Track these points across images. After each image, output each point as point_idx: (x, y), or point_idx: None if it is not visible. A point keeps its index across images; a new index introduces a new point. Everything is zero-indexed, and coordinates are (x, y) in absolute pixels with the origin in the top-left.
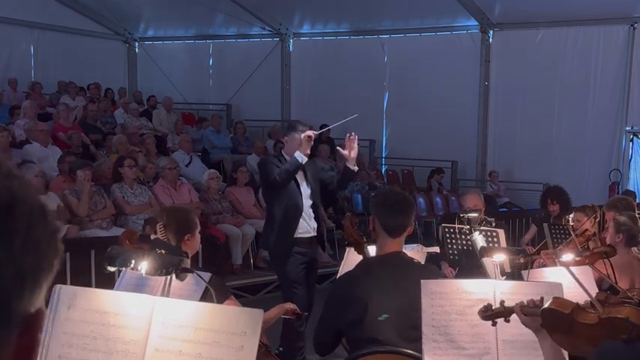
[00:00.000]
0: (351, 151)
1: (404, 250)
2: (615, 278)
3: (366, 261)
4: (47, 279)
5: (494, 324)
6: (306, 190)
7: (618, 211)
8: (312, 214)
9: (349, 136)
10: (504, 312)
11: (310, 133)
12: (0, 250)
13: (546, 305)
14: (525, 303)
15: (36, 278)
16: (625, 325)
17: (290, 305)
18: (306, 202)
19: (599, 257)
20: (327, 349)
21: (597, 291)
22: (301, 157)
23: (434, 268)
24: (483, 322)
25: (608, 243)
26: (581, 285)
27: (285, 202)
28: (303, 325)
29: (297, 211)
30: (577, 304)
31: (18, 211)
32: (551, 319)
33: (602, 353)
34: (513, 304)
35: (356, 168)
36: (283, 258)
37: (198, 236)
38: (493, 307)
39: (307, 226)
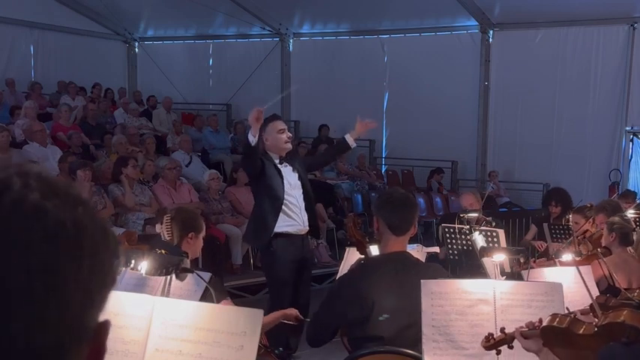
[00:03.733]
0: (361, 130)
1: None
2: (613, 278)
3: (370, 260)
4: (110, 291)
5: (498, 352)
6: (291, 183)
7: (607, 213)
8: (302, 209)
9: (367, 122)
10: (506, 339)
11: (255, 113)
12: (70, 278)
13: (544, 323)
14: (524, 326)
15: (102, 295)
16: (622, 328)
17: (292, 311)
18: (293, 196)
19: (595, 259)
20: (320, 342)
21: (597, 292)
22: (252, 138)
23: (438, 267)
24: (483, 322)
25: (603, 244)
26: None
27: (266, 195)
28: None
29: (278, 203)
30: (573, 316)
31: (83, 239)
32: (551, 337)
33: (602, 357)
34: (513, 330)
35: (354, 144)
36: (266, 254)
37: (201, 241)
38: (495, 336)
39: (294, 222)
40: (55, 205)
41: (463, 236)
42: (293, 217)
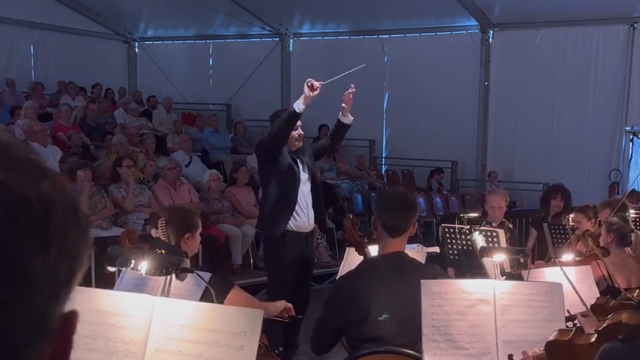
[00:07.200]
0: (348, 104)
1: (405, 251)
2: (612, 279)
3: (368, 260)
4: (80, 275)
5: None
6: (301, 178)
7: (613, 209)
8: (309, 206)
9: (349, 90)
10: None
11: (312, 80)
12: (37, 265)
13: (550, 338)
14: (530, 355)
15: (71, 281)
16: (619, 328)
17: (287, 305)
18: (302, 191)
19: (593, 259)
20: (324, 348)
21: (597, 293)
22: (299, 105)
23: (436, 267)
24: (483, 322)
25: (601, 244)
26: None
27: (281, 181)
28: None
29: (294, 192)
30: (575, 329)
31: (52, 220)
32: (555, 352)
33: (602, 354)
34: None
35: (351, 119)
36: (270, 252)
37: (198, 237)
38: None
39: (300, 219)
40: (17, 179)
41: (463, 236)
42: (300, 213)
